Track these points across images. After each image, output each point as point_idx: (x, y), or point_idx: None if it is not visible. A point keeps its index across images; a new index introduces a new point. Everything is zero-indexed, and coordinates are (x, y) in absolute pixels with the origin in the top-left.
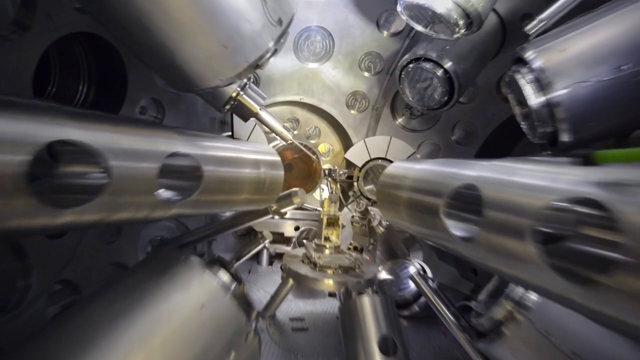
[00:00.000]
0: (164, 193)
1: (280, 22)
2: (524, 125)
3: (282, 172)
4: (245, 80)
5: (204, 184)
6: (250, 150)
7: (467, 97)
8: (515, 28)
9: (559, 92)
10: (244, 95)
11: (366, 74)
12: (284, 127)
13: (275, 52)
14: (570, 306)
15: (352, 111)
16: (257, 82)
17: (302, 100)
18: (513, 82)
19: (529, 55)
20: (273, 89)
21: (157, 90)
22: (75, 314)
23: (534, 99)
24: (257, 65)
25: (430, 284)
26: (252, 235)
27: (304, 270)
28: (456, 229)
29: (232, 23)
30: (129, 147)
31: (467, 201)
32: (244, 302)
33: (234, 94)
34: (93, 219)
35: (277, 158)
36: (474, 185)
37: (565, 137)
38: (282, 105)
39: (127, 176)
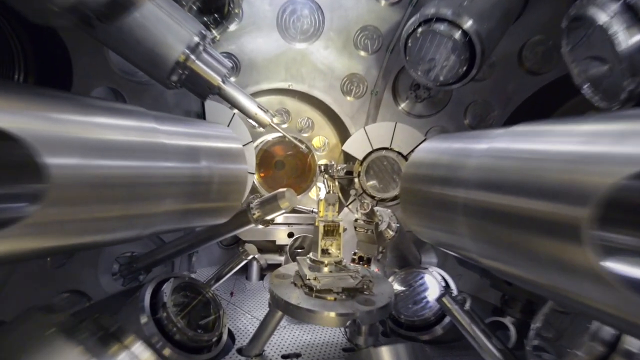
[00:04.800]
0: None
1: None
2: (587, 90)
3: (244, 166)
4: (196, 39)
5: (55, 192)
6: (178, 132)
7: (481, 73)
8: None
9: None
10: (198, 62)
11: (363, 53)
12: (261, 107)
13: None
14: None
15: (349, 97)
16: (236, 68)
17: (290, 88)
18: (577, 26)
19: None
20: (257, 75)
21: (114, 78)
22: None
23: (627, 39)
24: None
25: (460, 303)
26: (240, 245)
27: (296, 298)
28: None
29: None
30: None
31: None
32: None
33: (181, 58)
34: None
35: (236, 145)
36: None
37: None
38: (268, 94)
39: None
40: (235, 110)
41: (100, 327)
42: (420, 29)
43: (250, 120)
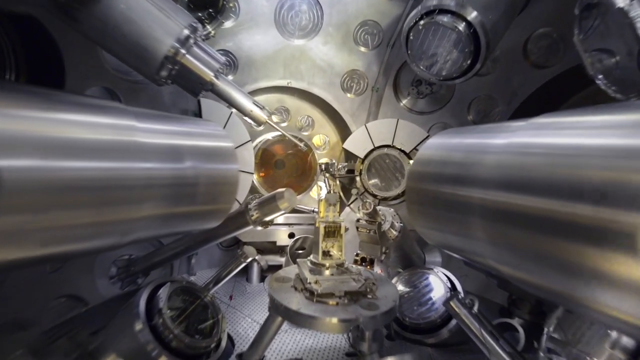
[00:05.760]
0: None
1: None
2: (602, 81)
3: (235, 166)
4: (186, 32)
5: (9, 198)
6: (159, 130)
7: (484, 67)
8: None
9: None
10: (188, 56)
11: (363, 48)
12: (256, 104)
13: None
14: None
15: (349, 94)
16: (234, 66)
17: (290, 85)
18: (588, 15)
19: None
20: (255, 73)
21: (108, 78)
22: None
23: None
24: None
25: (469, 307)
26: (240, 246)
27: (296, 303)
28: None
29: None
30: None
31: None
32: None
33: (170, 52)
34: None
35: (226, 143)
36: None
37: None
38: (267, 92)
39: None
40: (234, 109)
41: (77, 345)
42: (422, 22)
43: (246, 118)
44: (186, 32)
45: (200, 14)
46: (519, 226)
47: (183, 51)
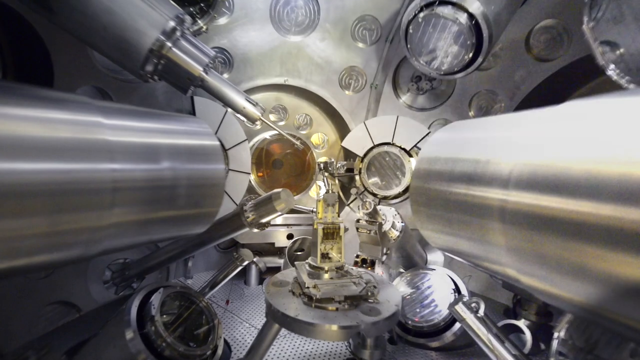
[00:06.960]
0: None
1: None
2: (613, 71)
3: (220, 166)
4: (172, 24)
5: None
6: (130, 128)
7: (486, 62)
8: None
9: None
10: (175, 49)
11: (361, 44)
12: (249, 100)
13: None
14: None
15: (347, 92)
16: (229, 64)
17: (286, 83)
18: (597, 2)
19: None
20: (250, 70)
21: (99, 76)
22: None
23: None
24: None
25: (474, 310)
26: (237, 248)
27: (294, 309)
28: None
29: None
30: None
31: None
32: None
33: (155, 45)
34: None
35: (210, 142)
36: None
37: None
38: (263, 90)
39: None
40: (230, 109)
41: None
42: (422, 14)
43: (239, 115)
44: (172, 23)
45: (191, 9)
46: (551, 233)
47: (169, 44)
